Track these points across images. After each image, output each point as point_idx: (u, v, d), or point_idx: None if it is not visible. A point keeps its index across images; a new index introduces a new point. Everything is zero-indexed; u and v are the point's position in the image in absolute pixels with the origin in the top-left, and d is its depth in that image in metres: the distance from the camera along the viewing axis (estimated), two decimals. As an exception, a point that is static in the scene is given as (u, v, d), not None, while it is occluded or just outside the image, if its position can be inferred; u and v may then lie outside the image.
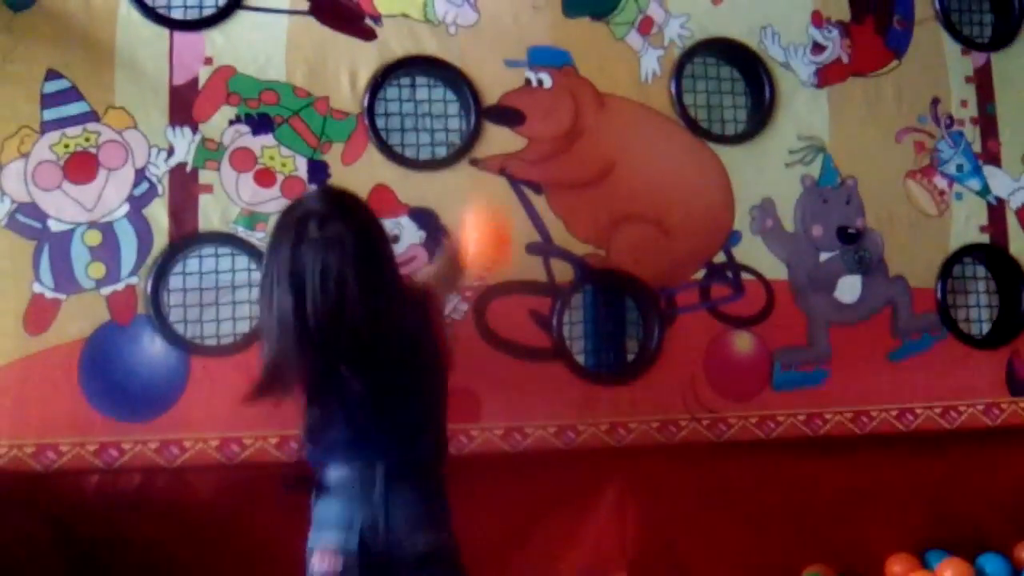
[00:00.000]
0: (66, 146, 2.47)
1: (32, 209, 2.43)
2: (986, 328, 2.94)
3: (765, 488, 2.67)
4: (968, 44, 2.99)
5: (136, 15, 2.53)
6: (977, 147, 2.95)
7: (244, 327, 2.50)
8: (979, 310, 2.95)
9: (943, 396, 2.80)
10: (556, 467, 2.56)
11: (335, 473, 1.87)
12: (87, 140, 2.48)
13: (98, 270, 2.46)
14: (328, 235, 1.79)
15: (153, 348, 2.45)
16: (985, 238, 2.92)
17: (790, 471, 2.69)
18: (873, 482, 2.73)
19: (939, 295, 2.85)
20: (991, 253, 2.92)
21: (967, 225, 2.90)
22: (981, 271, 2.96)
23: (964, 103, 2.95)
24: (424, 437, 1.93)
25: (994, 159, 2.95)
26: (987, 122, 2.96)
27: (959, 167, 2.92)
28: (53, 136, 2.46)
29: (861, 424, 2.74)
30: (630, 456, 2.61)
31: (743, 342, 2.71)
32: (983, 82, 2.97)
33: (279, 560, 2.43)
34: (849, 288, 2.79)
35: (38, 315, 2.41)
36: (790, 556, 2.64)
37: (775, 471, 2.68)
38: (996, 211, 2.94)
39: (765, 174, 2.79)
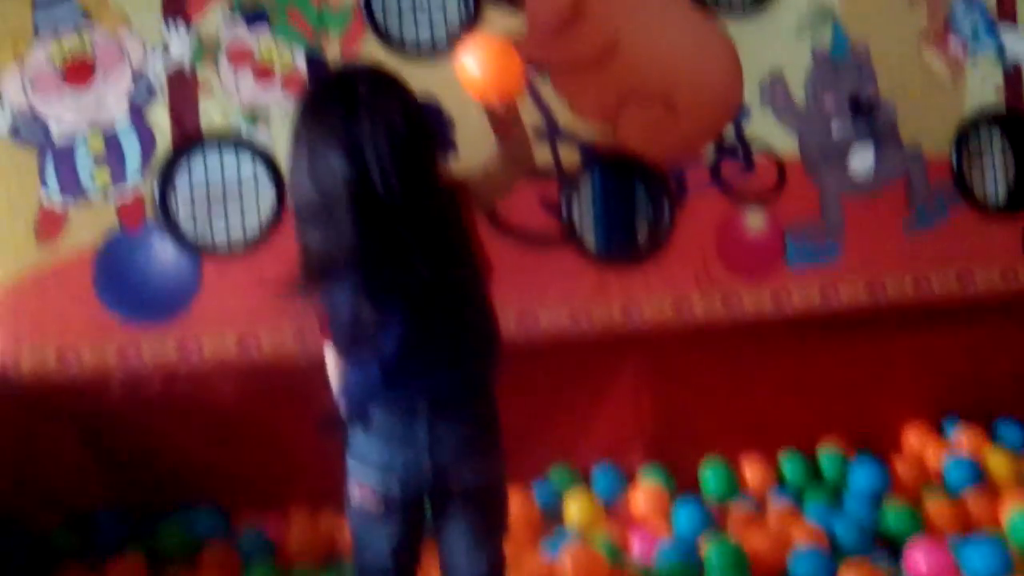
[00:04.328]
0: (62, 51, 2.25)
1: (33, 119, 2.23)
2: (1002, 194, 2.67)
3: (780, 364, 2.47)
4: (982, -103, 2.64)
5: (122, -91, 2.27)
6: (993, 10, 2.61)
7: (253, 227, 2.31)
8: (995, 177, 2.67)
9: (959, 264, 2.56)
10: (571, 352, 2.37)
11: (373, 411, 1.54)
12: (82, 43, 2.25)
13: (103, 176, 2.27)
14: (384, 98, 1.46)
15: (165, 252, 2.28)
16: (1001, 103, 2.62)
17: (805, 346, 2.48)
18: (889, 354, 2.53)
19: (954, 163, 2.58)
20: (1007, 118, 2.63)
21: (982, 90, 2.60)
22: (997, 137, 2.67)
23: (979, -38, 2.63)
24: (479, 354, 1.59)
25: (1009, 17, 2.62)
26: (1002, -20, 2.64)
27: (974, 30, 2.61)
28: (48, 41, 2.24)
29: (876, 296, 2.52)
30: (644, 338, 2.42)
31: (755, 219, 2.47)
32: (997, -62, 2.64)
33: (301, 457, 2.33)
34: (862, 158, 2.53)
35: (48, 225, 2.24)
36: (807, 430, 2.46)
37: (790, 347, 2.47)
38: (1012, 76, 2.63)
39: (774, 45, 2.49)
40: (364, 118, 1.43)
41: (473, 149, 2.34)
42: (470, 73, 1.66)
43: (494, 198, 1.85)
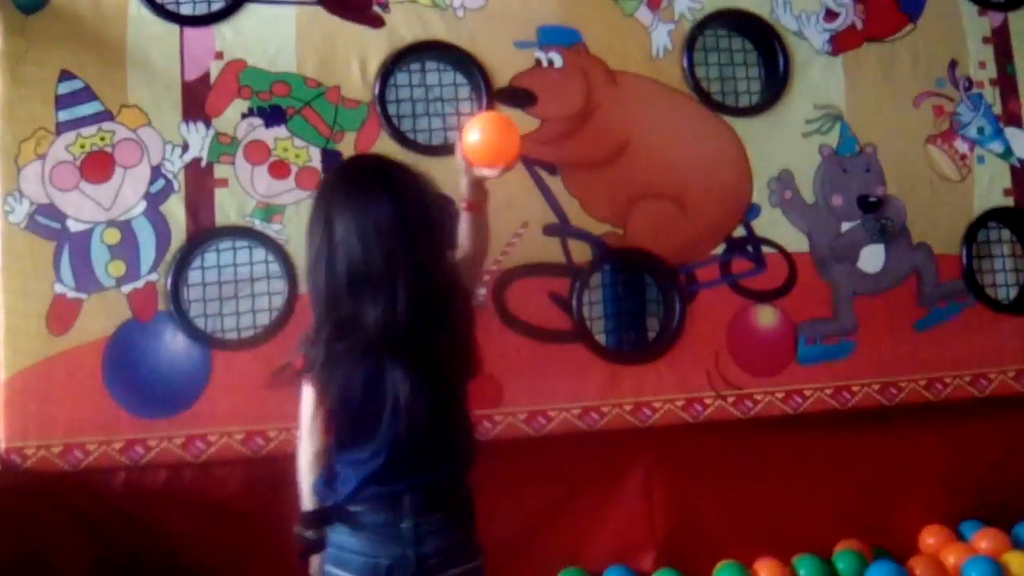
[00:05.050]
0: (82, 146, 2.28)
1: (51, 210, 2.25)
2: (1013, 293, 2.66)
3: (794, 464, 2.44)
4: (984, 4, 2.70)
5: (146, 12, 2.33)
6: (998, 109, 2.66)
7: (264, 319, 2.30)
8: (1005, 275, 2.66)
9: (972, 364, 2.53)
10: (581, 449, 2.34)
11: (356, 505, 1.56)
12: (102, 139, 2.28)
13: (118, 268, 2.27)
14: (416, 181, 1.56)
15: (175, 344, 2.26)
16: (1009, 201, 2.63)
17: (819, 445, 2.45)
18: (904, 454, 2.49)
19: (964, 261, 2.57)
20: (1016, 216, 2.64)
21: (990, 189, 2.62)
22: (1006, 235, 2.67)
23: (982, 64, 2.67)
24: (459, 451, 1.63)
25: (1015, 120, 2.67)
26: (1007, 83, 2.68)
27: (980, 130, 2.64)
28: (69, 136, 2.27)
29: (889, 395, 2.48)
30: (656, 436, 2.38)
31: (766, 316, 2.46)
32: (1001, 42, 2.69)
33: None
34: (872, 257, 2.53)
35: (61, 315, 2.23)
36: (822, 532, 2.41)
37: (804, 446, 2.45)
38: (1020, 173, 2.65)
39: (782, 145, 2.52)
40: (408, 196, 1.52)
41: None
42: (476, 139, 1.82)
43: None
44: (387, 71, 2.38)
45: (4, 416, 2.18)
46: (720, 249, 2.47)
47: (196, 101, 2.31)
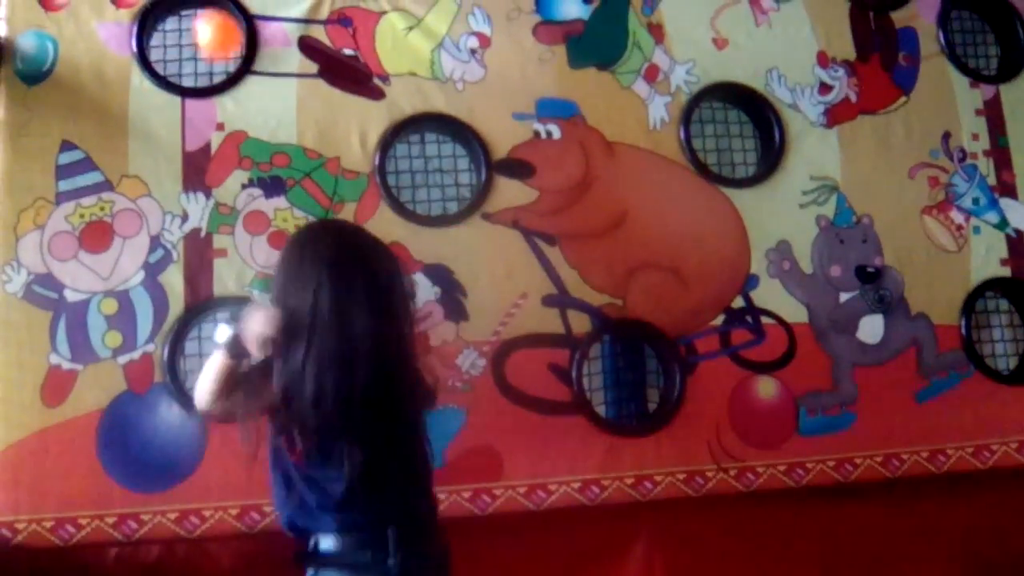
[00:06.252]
0: (81, 216, 2.28)
1: (48, 280, 2.24)
2: (1012, 363, 2.66)
3: (797, 537, 2.40)
4: (976, 77, 2.76)
5: (148, 84, 2.35)
6: (992, 180, 2.71)
7: (261, 391, 2.28)
8: (1004, 344, 2.68)
9: (974, 435, 2.53)
10: (582, 523, 2.31)
11: (336, 541, 1.65)
12: (102, 209, 2.29)
13: (114, 339, 2.26)
14: (388, 262, 1.73)
15: (171, 416, 2.24)
16: (1007, 271, 2.65)
17: (822, 518, 2.42)
18: (908, 526, 2.46)
19: (963, 331, 2.58)
20: (1013, 286, 2.66)
21: (987, 259, 2.65)
22: (1004, 305, 2.69)
23: (975, 136, 2.72)
24: (429, 486, 1.76)
25: (1010, 191, 2.71)
26: (1000, 154, 2.72)
27: (975, 200, 2.68)
28: (68, 207, 2.27)
29: (892, 467, 2.47)
30: (657, 509, 2.35)
31: (767, 388, 2.46)
32: (994, 114, 2.74)
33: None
34: (871, 328, 2.54)
35: (55, 387, 2.21)
36: (826, 608, 2.37)
37: (806, 519, 2.41)
38: (1016, 243, 2.68)
39: (779, 216, 2.55)
40: (382, 279, 1.68)
41: (483, 312, 2.37)
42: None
43: None
44: (387, 142, 2.40)
45: (-4, 490, 2.15)
46: (719, 320, 2.47)
47: (196, 171, 2.32)
